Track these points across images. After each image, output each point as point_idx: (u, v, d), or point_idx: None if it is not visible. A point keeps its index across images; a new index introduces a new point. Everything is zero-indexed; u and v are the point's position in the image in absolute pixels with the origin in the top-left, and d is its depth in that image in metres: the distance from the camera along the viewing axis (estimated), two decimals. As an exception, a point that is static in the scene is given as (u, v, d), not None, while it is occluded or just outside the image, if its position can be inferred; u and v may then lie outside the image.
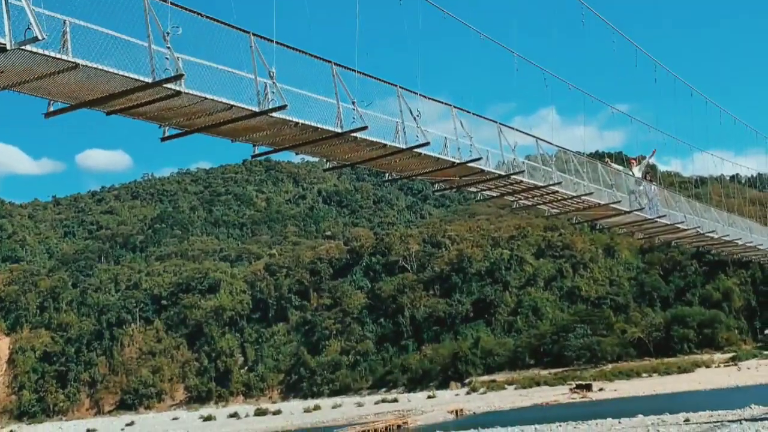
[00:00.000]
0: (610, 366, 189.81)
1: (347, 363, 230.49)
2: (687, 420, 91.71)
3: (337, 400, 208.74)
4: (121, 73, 16.25)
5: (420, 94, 23.14)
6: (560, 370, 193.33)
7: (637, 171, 37.52)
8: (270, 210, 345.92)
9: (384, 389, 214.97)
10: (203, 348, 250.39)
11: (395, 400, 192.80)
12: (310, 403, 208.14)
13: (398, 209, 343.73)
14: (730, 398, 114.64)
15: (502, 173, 27.34)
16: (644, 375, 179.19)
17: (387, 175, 26.79)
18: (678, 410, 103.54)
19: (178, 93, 16.97)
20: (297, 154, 22.90)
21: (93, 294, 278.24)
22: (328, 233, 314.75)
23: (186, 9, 16.98)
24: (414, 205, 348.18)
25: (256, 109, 18.33)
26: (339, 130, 20.34)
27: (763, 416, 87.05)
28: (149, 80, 16.45)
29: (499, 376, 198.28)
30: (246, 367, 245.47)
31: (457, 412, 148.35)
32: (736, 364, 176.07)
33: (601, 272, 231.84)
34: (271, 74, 18.38)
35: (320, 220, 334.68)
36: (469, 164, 25.45)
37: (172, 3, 16.45)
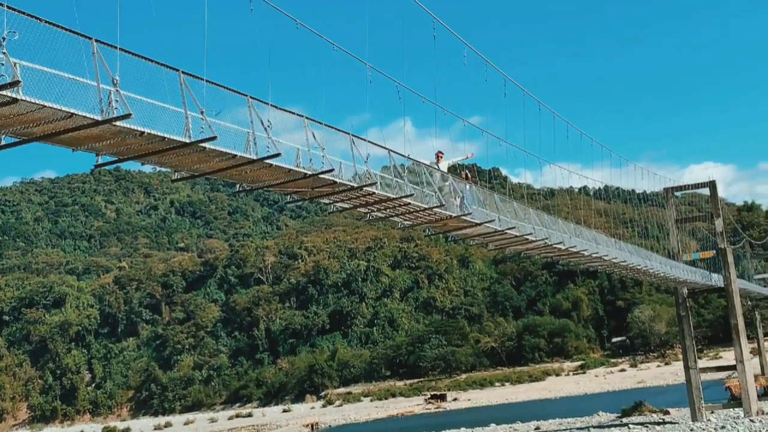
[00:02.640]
0: (464, 376, 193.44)
1: (200, 378, 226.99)
2: (537, 428, 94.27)
3: (190, 416, 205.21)
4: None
5: (271, 105, 23.05)
6: (416, 380, 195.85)
7: (443, 166, 35.37)
8: (120, 221, 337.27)
9: (238, 404, 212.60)
10: (48, 365, 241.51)
11: (250, 415, 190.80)
12: (161, 420, 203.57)
13: (254, 220, 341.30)
14: (579, 406, 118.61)
15: (355, 185, 27.46)
16: (497, 384, 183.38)
17: (238, 186, 26.62)
18: (529, 418, 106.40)
19: (15, 100, 16.36)
20: (143, 164, 22.39)
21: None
22: (181, 245, 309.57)
23: (24, 13, 16.39)
24: (270, 216, 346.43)
25: (99, 118, 17.83)
26: (187, 140, 20.00)
27: (610, 423, 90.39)
28: (-18, 87, 15.86)
29: (356, 388, 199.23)
30: (93, 384, 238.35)
31: (312, 426, 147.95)
32: (584, 372, 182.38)
33: (456, 283, 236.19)
34: (115, 82, 17.92)
35: (173, 231, 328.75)
36: (321, 176, 25.46)
37: (8, 6, 15.87)
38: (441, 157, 35.47)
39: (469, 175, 37.47)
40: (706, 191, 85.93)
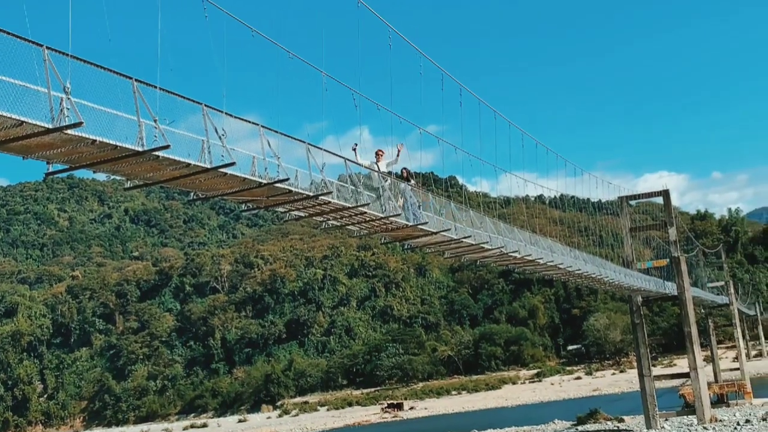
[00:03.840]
0: (421, 384, 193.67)
1: (155, 388, 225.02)
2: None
3: (144, 427, 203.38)
4: None
5: (225, 113, 22.93)
6: (372, 389, 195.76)
7: (384, 165, 33.45)
8: (73, 230, 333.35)
9: (193, 414, 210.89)
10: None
11: (205, 425, 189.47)
12: (115, 431, 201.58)
13: (210, 229, 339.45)
14: (535, 414, 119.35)
15: (310, 194, 27.40)
16: (454, 392, 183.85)
17: (192, 194, 26.42)
18: (486, 427, 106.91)
19: (-37, 108, 16.17)
20: (95, 172, 22.13)
21: None
22: (136, 254, 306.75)
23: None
24: (226, 225, 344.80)
25: (50, 126, 17.64)
26: (140, 149, 19.84)
27: (565, 430, 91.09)
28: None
29: (312, 398, 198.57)
30: (45, 395, 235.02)
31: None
32: (540, 380, 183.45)
33: (413, 291, 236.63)
34: (66, 89, 17.72)
35: (127, 240, 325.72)
36: (277, 185, 25.36)
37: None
38: (381, 156, 33.86)
39: (411, 174, 36.05)
40: (659, 200, 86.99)
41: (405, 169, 35.35)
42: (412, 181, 35.70)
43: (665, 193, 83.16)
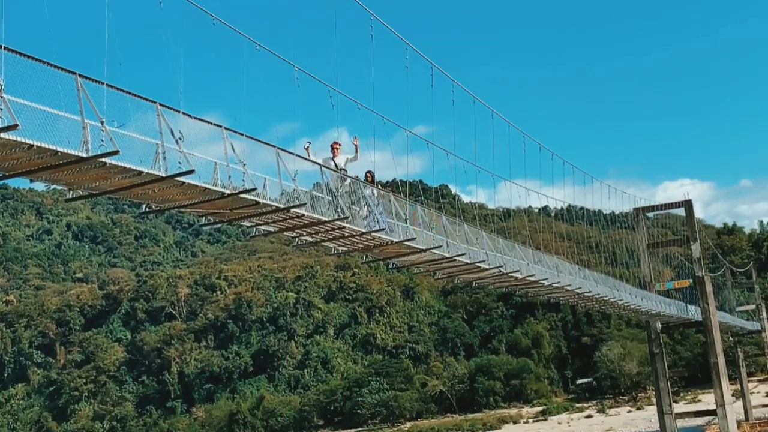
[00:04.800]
0: (408, 425, 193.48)
1: (102, 430, 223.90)
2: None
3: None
4: None
5: (183, 113, 22.84)
6: (353, 431, 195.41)
7: (341, 160, 31.92)
8: (7, 247, 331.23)
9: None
10: None
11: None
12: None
13: (165, 246, 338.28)
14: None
15: (281, 206, 27.30)
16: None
17: (144, 206, 26.28)
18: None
19: None
20: (32, 181, 22.03)
21: None
22: (80, 275, 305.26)
23: None
24: (184, 241, 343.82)
25: (-23, 129, 17.61)
26: (84, 155, 19.74)
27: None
28: None
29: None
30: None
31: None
32: (546, 419, 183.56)
33: (400, 317, 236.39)
34: (-1, 86, 17.71)
35: (70, 259, 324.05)
36: (242, 195, 25.25)
37: None
38: (338, 150, 32.32)
39: (374, 178, 34.59)
40: (681, 212, 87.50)
41: (370, 172, 34.32)
42: (377, 188, 34.61)
43: (687, 204, 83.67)
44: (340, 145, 32.22)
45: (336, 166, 31.53)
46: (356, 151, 32.43)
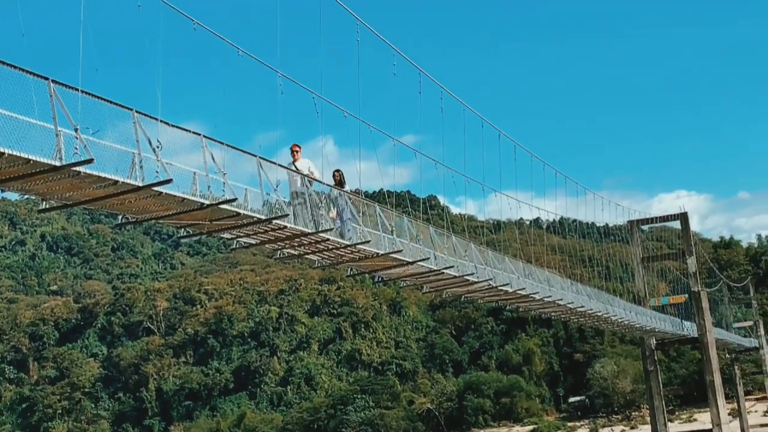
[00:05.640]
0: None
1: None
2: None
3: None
4: None
5: (161, 120, 22.81)
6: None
7: (303, 165, 30.82)
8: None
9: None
10: None
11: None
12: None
13: (143, 258, 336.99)
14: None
15: (262, 217, 27.26)
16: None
17: (121, 217, 26.20)
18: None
19: None
20: (3, 191, 21.93)
21: None
22: (54, 287, 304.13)
23: None
24: (163, 253, 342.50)
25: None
26: (57, 163, 19.69)
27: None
28: None
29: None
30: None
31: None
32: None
33: (386, 332, 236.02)
34: (-32, 93, 17.72)
35: (44, 271, 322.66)
36: (222, 206, 25.18)
37: None
38: (298, 153, 31.08)
39: (343, 177, 33.60)
40: (677, 224, 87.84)
41: (338, 171, 33.64)
42: (347, 187, 33.85)
43: (683, 217, 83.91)
44: (300, 148, 31.28)
45: (297, 170, 30.55)
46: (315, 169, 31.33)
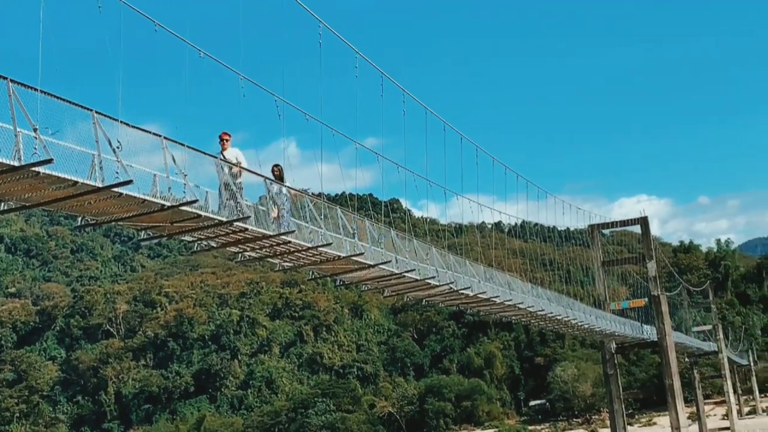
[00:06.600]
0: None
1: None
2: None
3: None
4: None
5: (121, 121, 22.70)
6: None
7: (231, 154, 29.14)
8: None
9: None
10: None
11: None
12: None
13: (103, 260, 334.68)
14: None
15: (223, 219, 27.19)
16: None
17: (80, 219, 26.04)
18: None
19: None
20: (-41, 192, 21.80)
21: None
22: (12, 290, 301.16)
23: None
24: (123, 255, 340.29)
25: None
26: (16, 163, 19.59)
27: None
28: None
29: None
30: None
31: None
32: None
33: (348, 336, 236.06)
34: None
35: (2, 273, 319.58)
36: (183, 207, 25.06)
37: None
38: (228, 142, 29.48)
39: (282, 173, 32.33)
40: (637, 229, 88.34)
41: (277, 166, 32.52)
42: (288, 183, 32.66)
43: (644, 221, 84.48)
44: (230, 136, 29.94)
45: (225, 160, 29.04)
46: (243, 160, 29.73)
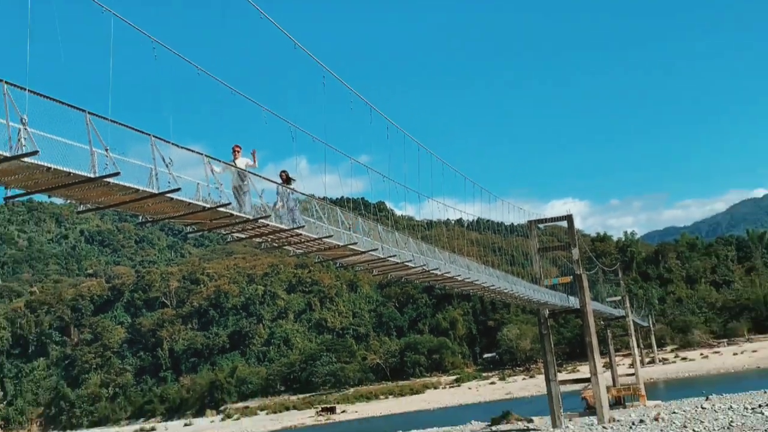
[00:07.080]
0: (352, 390, 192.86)
1: (107, 395, 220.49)
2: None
3: (96, 431, 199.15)
4: None
5: (172, 143, 22.76)
6: (308, 395, 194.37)
7: (241, 163, 27.94)
8: (32, 249, 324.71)
9: (143, 419, 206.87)
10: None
11: (153, 429, 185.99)
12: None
13: (159, 248, 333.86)
14: (454, 416, 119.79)
15: (250, 217, 27.24)
16: (382, 397, 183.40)
17: (141, 217, 26.05)
18: (410, 428, 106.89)
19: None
20: (50, 197, 21.73)
21: None
22: (90, 271, 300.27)
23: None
24: (175, 245, 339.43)
25: (7, 154, 17.42)
26: (92, 175, 19.57)
27: (481, 431, 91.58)
28: None
29: (253, 403, 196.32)
30: (5, 402, 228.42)
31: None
32: (459, 385, 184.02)
33: (345, 305, 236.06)
34: (24, 120, 17.52)
35: (82, 258, 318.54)
36: (219, 209, 25.17)
37: None
38: (239, 153, 28.37)
39: (291, 177, 31.15)
40: (564, 224, 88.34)
41: (284, 171, 31.41)
42: (296, 186, 31.41)
43: (569, 218, 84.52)
44: (240, 148, 28.61)
45: (234, 166, 27.91)
46: (254, 160, 28.75)
